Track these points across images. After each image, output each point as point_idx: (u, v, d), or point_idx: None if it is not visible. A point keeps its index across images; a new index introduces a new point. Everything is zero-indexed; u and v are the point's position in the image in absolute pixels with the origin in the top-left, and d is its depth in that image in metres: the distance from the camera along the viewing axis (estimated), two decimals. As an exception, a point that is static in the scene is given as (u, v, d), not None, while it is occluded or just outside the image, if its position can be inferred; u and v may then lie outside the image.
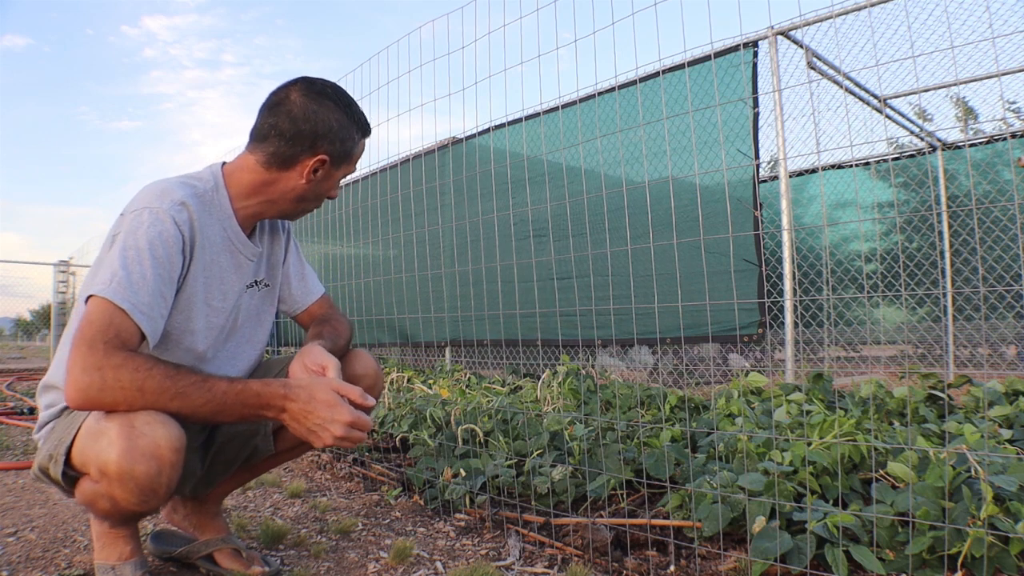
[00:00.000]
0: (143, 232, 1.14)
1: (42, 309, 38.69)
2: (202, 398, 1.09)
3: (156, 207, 1.17)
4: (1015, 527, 1.23)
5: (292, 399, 1.14)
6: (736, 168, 3.80)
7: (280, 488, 2.21)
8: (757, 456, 1.76)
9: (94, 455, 1.08)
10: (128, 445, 1.04)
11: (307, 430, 1.14)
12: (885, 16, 3.88)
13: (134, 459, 1.04)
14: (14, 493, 2.16)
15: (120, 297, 1.08)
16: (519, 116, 3.36)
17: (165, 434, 1.07)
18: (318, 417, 1.13)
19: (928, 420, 2.26)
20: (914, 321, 5.53)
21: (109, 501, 1.12)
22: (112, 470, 1.05)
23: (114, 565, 1.29)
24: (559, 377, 2.91)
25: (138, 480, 1.06)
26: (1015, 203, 2.00)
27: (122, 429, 1.05)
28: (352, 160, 1.36)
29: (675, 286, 3.05)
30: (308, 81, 1.30)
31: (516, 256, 4.37)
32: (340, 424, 1.12)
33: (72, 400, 1.05)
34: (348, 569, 1.50)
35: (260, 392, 1.13)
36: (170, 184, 1.23)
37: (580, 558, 1.53)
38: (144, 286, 1.11)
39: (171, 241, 1.16)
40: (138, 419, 1.06)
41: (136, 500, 1.09)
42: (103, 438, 1.07)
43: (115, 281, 1.09)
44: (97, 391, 1.04)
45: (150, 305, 1.12)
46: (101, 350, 1.05)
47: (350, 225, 4.19)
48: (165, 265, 1.15)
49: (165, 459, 1.07)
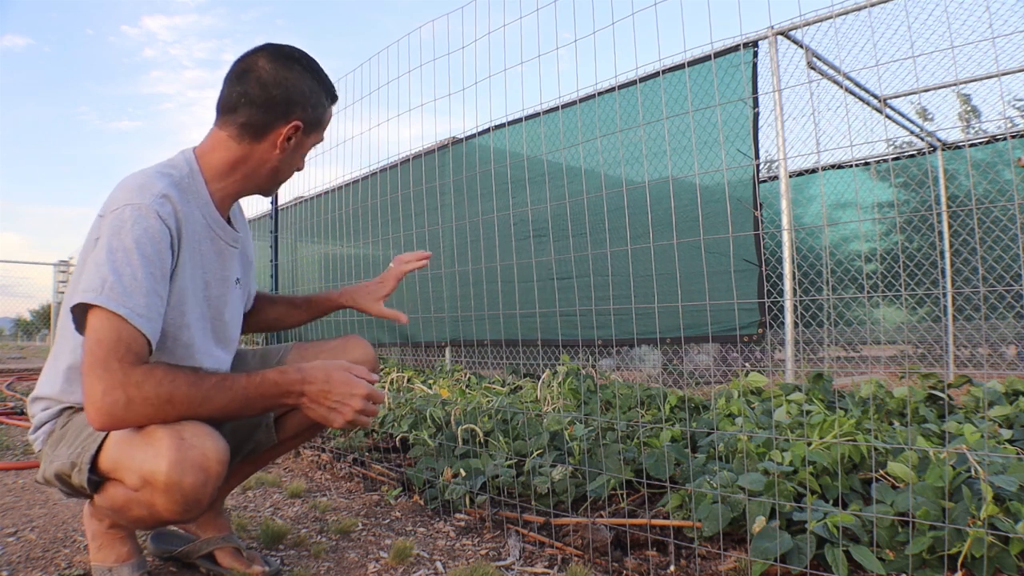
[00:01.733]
0: (128, 231, 1.09)
1: (42, 309, 38.70)
2: (226, 397, 1.09)
3: (138, 203, 1.12)
4: (1015, 527, 1.23)
5: (310, 381, 1.14)
6: (736, 168, 3.80)
7: (280, 488, 2.21)
8: (757, 456, 1.76)
9: (137, 464, 1.07)
10: (179, 456, 1.04)
11: (327, 409, 1.16)
12: (885, 16, 3.88)
13: (184, 471, 1.04)
14: (14, 493, 2.16)
15: (116, 303, 1.05)
16: (519, 116, 3.36)
17: (213, 446, 1.07)
18: (337, 394, 1.15)
19: (928, 420, 2.26)
20: (914, 321, 5.53)
21: (147, 509, 1.11)
22: (160, 481, 1.04)
23: (111, 567, 1.29)
24: (559, 377, 2.91)
25: (185, 492, 1.06)
26: (1015, 203, 2.00)
27: (172, 440, 1.04)
28: (322, 127, 1.33)
29: (675, 286, 3.05)
30: (274, 47, 1.26)
31: (516, 256, 4.37)
32: (359, 398, 1.15)
33: (99, 423, 1.03)
34: (348, 569, 1.50)
35: (278, 381, 1.13)
36: (148, 177, 1.18)
37: (580, 558, 1.53)
38: (137, 288, 1.07)
39: (159, 237, 1.12)
40: (186, 430, 1.06)
41: (179, 510, 1.09)
42: (150, 448, 1.05)
43: (107, 287, 1.05)
44: (123, 410, 1.03)
45: (147, 307, 1.08)
46: (118, 369, 1.03)
47: (350, 225, 4.19)
48: (156, 263, 1.11)
49: (212, 471, 1.07)
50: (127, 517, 1.18)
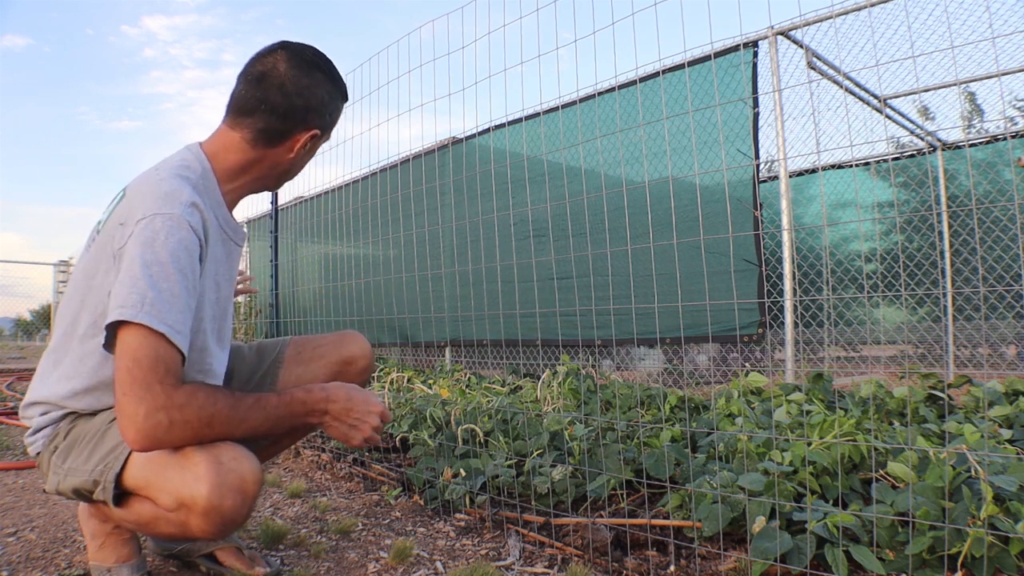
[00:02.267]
0: (162, 243, 1.06)
1: (42, 309, 38.64)
2: (260, 417, 1.12)
3: (168, 212, 1.09)
4: (1015, 527, 1.23)
5: (334, 400, 1.20)
6: (736, 168, 3.80)
7: (280, 488, 2.21)
8: (757, 456, 1.76)
9: (174, 487, 1.06)
10: (218, 481, 1.04)
11: (348, 426, 1.22)
12: (885, 16, 3.88)
13: (223, 495, 1.04)
14: (14, 493, 2.16)
15: (156, 321, 1.02)
16: (519, 116, 3.36)
17: (251, 468, 1.08)
18: (358, 413, 1.22)
19: (928, 420, 2.26)
20: (914, 321, 5.52)
21: (178, 528, 1.10)
22: (200, 505, 1.04)
23: (111, 568, 1.28)
24: (559, 377, 2.91)
25: (224, 514, 1.06)
26: (1015, 203, 2.00)
27: (210, 465, 1.04)
28: (335, 122, 1.33)
29: (675, 286, 3.05)
30: (293, 49, 1.23)
31: (516, 256, 4.37)
32: (376, 415, 1.23)
33: (139, 445, 1.02)
34: (348, 569, 1.50)
35: (305, 400, 1.18)
36: (170, 182, 1.14)
37: (580, 558, 1.53)
38: (175, 303, 1.05)
39: (192, 249, 1.10)
40: (224, 454, 1.06)
41: (216, 532, 1.08)
42: (187, 472, 1.05)
43: (147, 303, 1.02)
44: (165, 433, 1.02)
45: (183, 323, 1.07)
46: (160, 391, 1.01)
47: (350, 225, 4.19)
48: (190, 277, 1.09)
49: (250, 493, 1.08)
50: (152, 531, 1.18)
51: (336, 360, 1.48)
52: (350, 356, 1.48)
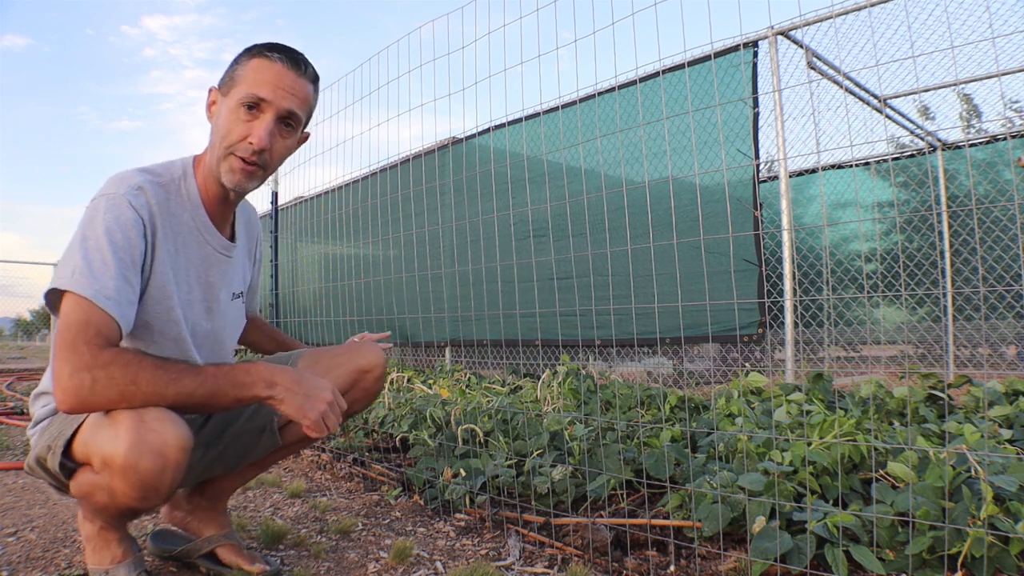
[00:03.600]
0: (100, 219, 1.12)
1: (42, 309, 38.63)
2: (192, 384, 1.08)
3: (112, 193, 1.16)
4: (1015, 527, 1.23)
5: (280, 371, 1.14)
6: (736, 168, 3.80)
7: (280, 488, 2.21)
8: (757, 456, 1.76)
9: (99, 446, 1.08)
10: (137, 439, 1.04)
11: (304, 396, 1.14)
12: (885, 16, 3.88)
13: (141, 453, 1.04)
14: (14, 493, 2.16)
15: (83, 287, 1.07)
16: (519, 116, 3.36)
17: (174, 432, 1.07)
18: (309, 385, 1.15)
19: (928, 420, 2.26)
20: (914, 321, 5.52)
21: (108, 495, 1.11)
22: (118, 463, 1.05)
23: (108, 569, 1.28)
24: (559, 377, 2.90)
25: (142, 475, 1.06)
26: (1015, 203, 2.00)
27: (132, 422, 1.05)
28: (237, 80, 1.23)
29: (675, 286, 3.05)
30: None
31: (516, 256, 4.37)
32: (327, 390, 1.17)
33: (65, 405, 1.04)
34: (348, 569, 1.50)
35: (249, 370, 1.13)
36: (128, 172, 1.22)
37: (580, 558, 1.53)
38: (106, 272, 1.09)
39: (129, 224, 1.14)
40: (148, 414, 1.06)
41: (136, 496, 1.09)
42: (111, 429, 1.06)
43: (76, 272, 1.08)
44: (88, 392, 1.03)
45: (116, 290, 1.10)
46: (85, 350, 1.04)
47: (350, 225, 4.19)
48: (125, 249, 1.13)
49: (171, 457, 1.06)
50: (93, 504, 1.18)
51: (352, 369, 1.47)
52: (367, 365, 1.47)
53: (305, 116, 1.30)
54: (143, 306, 1.20)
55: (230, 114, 1.22)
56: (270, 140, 1.23)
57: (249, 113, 1.22)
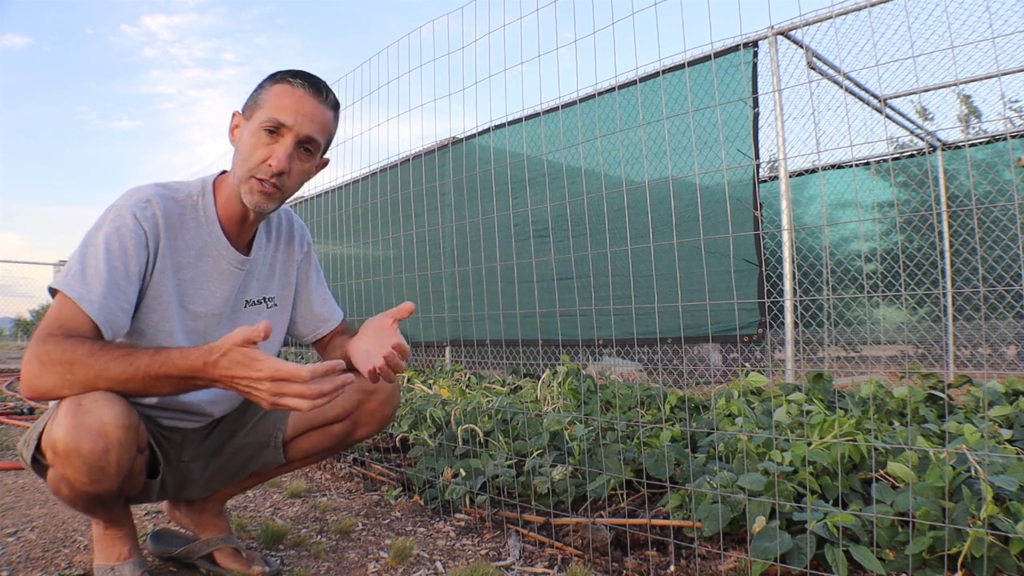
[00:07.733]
0: (103, 229, 1.18)
1: (42, 309, 38.58)
2: (128, 369, 1.06)
3: (120, 205, 1.21)
4: (1015, 527, 1.23)
5: (213, 366, 1.03)
6: (736, 168, 3.80)
7: (280, 488, 2.21)
8: (757, 456, 1.76)
9: (47, 435, 1.10)
10: (74, 422, 1.04)
11: (247, 394, 1.05)
12: (885, 16, 3.88)
13: (80, 436, 1.04)
14: (14, 493, 2.16)
15: (71, 289, 1.11)
16: (519, 116, 3.36)
17: (111, 411, 1.06)
18: (242, 379, 1.03)
19: (928, 420, 2.26)
20: (914, 321, 5.52)
21: (66, 484, 1.12)
22: (60, 448, 1.06)
23: (113, 566, 1.30)
24: (559, 377, 2.90)
25: (84, 458, 1.06)
26: (1015, 203, 2.00)
27: (70, 407, 1.06)
28: (259, 105, 1.25)
29: (675, 286, 3.05)
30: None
31: (516, 256, 4.36)
32: (264, 380, 1.01)
33: (23, 392, 1.09)
34: (348, 569, 1.50)
35: (179, 364, 1.05)
36: (143, 186, 1.27)
37: (580, 558, 1.53)
38: (97, 278, 1.13)
39: (128, 235, 1.18)
40: (85, 398, 1.07)
41: (86, 479, 1.09)
42: (54, 418, 1.08)
43: (70, 275, 1.13)
44: (36, 377, 1.06)
45: (103, 295, 1.13)
46: (43, 340, 1.07)
47: (350, 225, 4.19)
48: (120, 257, 1.16)
49: (112, 436, 1.06)
50: (61, 496, 1.19)
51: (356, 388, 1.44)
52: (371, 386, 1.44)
53: (324, 142, 1.32)
54: (139, 313, 1.23)
55: (251, 137, 1.25)
56: (289, 163, 1.25)
57: (270, 137, 1.24)
